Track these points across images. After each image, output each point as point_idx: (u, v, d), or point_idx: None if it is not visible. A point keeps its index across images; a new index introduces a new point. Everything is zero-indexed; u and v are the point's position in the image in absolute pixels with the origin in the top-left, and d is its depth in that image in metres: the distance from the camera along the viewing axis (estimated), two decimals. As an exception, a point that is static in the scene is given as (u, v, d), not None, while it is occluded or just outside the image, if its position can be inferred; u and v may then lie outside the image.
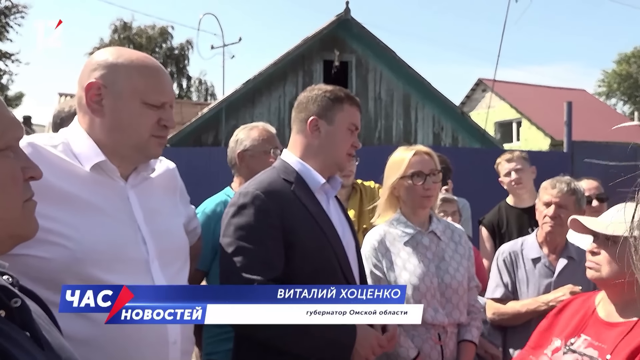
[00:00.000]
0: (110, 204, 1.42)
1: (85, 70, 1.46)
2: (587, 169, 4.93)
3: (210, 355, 2.44)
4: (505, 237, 3.37)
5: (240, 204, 1.70)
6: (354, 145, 1.87)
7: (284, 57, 13.15)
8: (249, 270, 1.63)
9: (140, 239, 1.43)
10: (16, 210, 0.84)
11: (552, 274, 2.47)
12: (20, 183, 0.85)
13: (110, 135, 1.43)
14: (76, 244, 1.31)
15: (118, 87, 1.42)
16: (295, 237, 1.69)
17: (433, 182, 2.16)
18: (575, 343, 1.74)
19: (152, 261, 1.43)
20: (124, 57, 1.45)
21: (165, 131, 1.49)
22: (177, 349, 1.43)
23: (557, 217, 2.46)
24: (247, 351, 1.75)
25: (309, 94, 1.88)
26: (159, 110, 1.45)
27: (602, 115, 24.46)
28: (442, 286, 2.12)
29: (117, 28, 30.19)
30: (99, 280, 1.32)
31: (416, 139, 13.63)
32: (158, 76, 1.47)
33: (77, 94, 1.47)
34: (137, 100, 1.43)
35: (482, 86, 24.69)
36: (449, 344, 2.11)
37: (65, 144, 1.44)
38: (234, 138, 2.56)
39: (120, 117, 1.43)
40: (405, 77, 13.88)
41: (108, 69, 1.43)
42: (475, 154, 7.19)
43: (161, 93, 1.46)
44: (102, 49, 1.51)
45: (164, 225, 1.51)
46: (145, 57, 1.49)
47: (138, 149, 1.46)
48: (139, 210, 1.46)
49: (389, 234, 2.18)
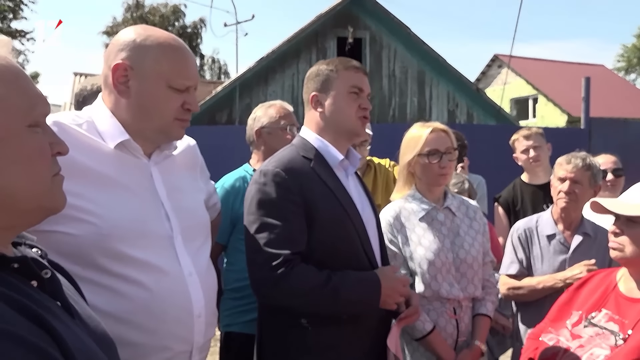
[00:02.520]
0: (134, 181, 1.45)
1: (112, 48, 1.47)
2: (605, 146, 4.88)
3: (229, 326, 2.50)
4: (520, 214, 3.37)
5: (262, 182, 1.73)
6: (362, 106, 1.83)
7: (298, 35, 13.06)
8: (274, 245, 1.66)
9: (164, 215, 1.46)
10: (45, 184, 0.86)
11: (567, 251, 2.47)
12: (48, 158, 0.87)
13: (134, 116, 1.45)
14: (102, 220, 1.35)
15: (144, 70, 1.43)
16: (316, 212, 1.72)
17: (449, 160, 2.17)
18: (596, 317, 1.76)
19: (175, 237, 1.46)
20: (152, 39, 1.45)
21: (189, 114, 1.51)
22: (202, 322, 1.46)
23: (571, 193, 2.45)
24: (272, 323, 1.79)
25: (308, 73, 1.91)
26: (184, 94, 1.47)
27: (621, 91, 24.03)
28: (457, 261, 2.14)
29: (129, 7, 30.11)
30: (124, 255, 1.36)
31: (431, 116, 13.53)
32: (184, 60, 1.48)
33: (103, 72, 1.48)
34: (162, 84, 1.44)
35: (497, 62, 24.33)
36: (464, 318, 2.14)
37: (90, 122, 1.46)
38: (252, 116, 2.61)
39: (146, 100, 1.45)
40: (419, 53, 13.72)
41: (135, 50, 1.43)
42: (490, 131, 7.13)
43: (186, 77, 1.47)
44: (130, 28, 1.50)
45: (186, 202, 1.54)
46: (173, 40, 1.49)
47: (161, 131, 1.48)
48: (162, 187, 1.49)
49: (404, 209, 2.20)
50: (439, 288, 2.10)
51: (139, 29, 1.48)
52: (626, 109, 20.86)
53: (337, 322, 1.73)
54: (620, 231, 1.75)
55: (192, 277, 1.45)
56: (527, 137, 3.53)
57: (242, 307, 2.40)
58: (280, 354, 1.77)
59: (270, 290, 1.68)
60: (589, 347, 1.70)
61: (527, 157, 3.50)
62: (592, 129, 6.33)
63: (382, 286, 1.74)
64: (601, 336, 1.71)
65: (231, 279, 2.49)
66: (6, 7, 21.92)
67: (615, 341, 1.67)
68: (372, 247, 1.86)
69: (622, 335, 1.67)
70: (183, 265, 1.45)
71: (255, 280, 1.71)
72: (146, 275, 1.38)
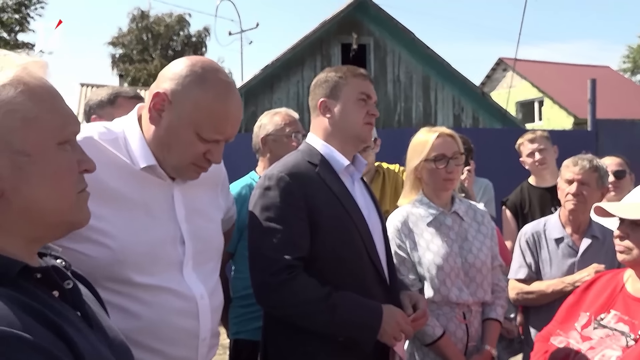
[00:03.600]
0: (155, 202, 1.44)
1: (165, 73, 1.44)
2: (612, 148, 4.86)
3: (237, 334, 2.51)
4: (528, 217, 3.35)
5: (265, 186, 1.73)
6: (370, 113, 1.85)
7: (302, 42, 13.12)
8: (276, 250, 1.66)
9: (179, 238, 1.45)
10: (71, 199, 0.90)
11: (575, 254, 2.46)
12: (75, 175, 0.91)
13: (157, 145, 1.43)
14: (118, 244, 1.35)
15: (181, 111, 1.39)
16: (320, 217, 1.72)
17: (456, 164, 2.17)
18: (605, 318, 1.75)
19: (186, 263, 1.45)
20: (203, 85, 1.39)
21: (208, 164, 1.46)
22: (206, 344, 1.47)
23: (579, 195, 2.45)
24: (277, 330, 1.79)
25: (316, 79, 1.92)
26: (210, 144, 1.43)
27: (627, 92, 23.93)
28: (466, 265, 2.14)
29: (135, 17, 30.37)
30: (129, 280, 1.36)
31: (436, 121, 13.53)
32: (225, 112, 1.42)
33: (151, 89, 1.45)
34: (191, 130, 1.39)
35: (502, 65, 24.30)
36: (473, 323, 2.14)
37: (122, 137, 1.45)
38: (258, 123, 2.62)
39: (170, 138, 1.41)
40: (424, 58, 13.74)
41: (182, 87, 1.39)
42: (496, 134, 7.11)
43: (220, 131, 1.42)
44: (189, 60, 1.44)
45: (204, 225, 1.53)
46: (222, 87, 1.42)
47: (175, 169, 1.46)
48: (181, 209, 1.48)
49: (411, 215, 2.19)
50: (448, 293, 2.09)
51: (197, 65, 1.42)
52: (633, 110, 20.75)
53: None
54: (626, 235, 1.75)
55: (203, 300, 1.45)
56: (532, 141, 3.52)
57: (250, 315, 2.40)
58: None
59: (269, 296, 1.68)
60: (600, 349, 1.69)
61: (533, 160, 3.50)
62: (599, 131, 6.30)
63: (383, 315, 1.71)
64: (612, 337, 1.70)
65: (239, 287, 2.49)
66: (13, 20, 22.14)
67: (627, 342, 1.66)
68: (378, 254, 1.85)
69: (633, 335, 1.66)
70: (194, 288, 1.44)
71: (256, 286, 1.71)
72: (153, 297, 1.38)
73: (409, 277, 2.10)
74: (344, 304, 1.68)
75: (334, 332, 1.70)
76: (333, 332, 1.70)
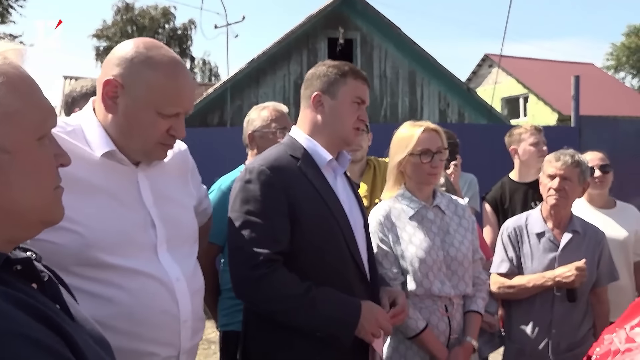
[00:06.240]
0: (120, 188, 1.43)
1: (110, 59, 1.42)
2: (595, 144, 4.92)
3: (226, 326, 2.51)
4: (508, 212, 3.35)
5: (246, 179, 1.72)
6: (360, 118, 1.86)
7: (288, 36, 13.05)
8: (255, 244, 1.66)
9: (150, 222, 1.45)
10: (48, 196, 0.86)
11: (556, 248, 2.49)
12: (54, 171, 0.87)
13: (119, 132, 1.43)
14: (87, 230, 1.34)
15: (135, 93, 1.39)
16: (301, 212, 1.71)
17: (440, 159, 2.18)
18: None
19: (160, 245, 1.45)
20: (149, 61, 1.39)
21: (173, 140, 1.47)
22: (189, 326, 1.46)
23: (561, 190, 2.47)
24: (257, 324, 1.79)
25: (315, 70, 1.90)
26: (171, 119, 1.43)
27: (611, 89, 24.21)
28: (448, 259, 2.15)
29: (119, 9, 30.03)
30: (107, 263, 1.35)
31: (422, 116, 13.56)
32: (179, 86, 1.42)
33: (99, 79, 1.45)
34: (151, 110, 1.40)
35: (488, 62, 24.44)
36: (455, 316, 2.16)
37: (79, 129, 1.45)
38: (247, 118, 2.63)
39: (130, 122, 1.41)
40: (410, 54, 13.75)
41: (130, 69, 1.38)
42: (482, 130, 7.16)
43: (178, 104, 1.42)
44: (131, 42, 1.44)
45: (174, 210, 1.52)
46: (171, 64, 1.42)
47: (142, 152, 1.46)
48: (148, 194, 1.47)
49: (394, 209, 2.20)
50: (430, 286, 2.11)
51: (140, 46, 1.42)
52: (616, 107, 21.00)
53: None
54: None
55: (179, 282, 1.44)
56: (539, 130, 3.46)
57: (239, 307, 2.39)
58: (265, 354, 1.77)
59: (248, 290, 1.68)
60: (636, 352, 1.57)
61: (537, 149, 3.42)
62: (582, 127, 6.37)
63: (362, 310, 1.71)
64: None
65: (228, 279, 2.48)
66: (-6, 11, 21.76)
67: None
68: (359, 249, 1.84)
69: None
70: (169, 271, 1.43)
71: (235, 279, 1.70)
72: (129, 281, 1.37)
73: (391, 270, 2.11)
74: (322, 299, 1.68)
75: (312, 327, 1.70)
76: (311, 327, 1.70)
